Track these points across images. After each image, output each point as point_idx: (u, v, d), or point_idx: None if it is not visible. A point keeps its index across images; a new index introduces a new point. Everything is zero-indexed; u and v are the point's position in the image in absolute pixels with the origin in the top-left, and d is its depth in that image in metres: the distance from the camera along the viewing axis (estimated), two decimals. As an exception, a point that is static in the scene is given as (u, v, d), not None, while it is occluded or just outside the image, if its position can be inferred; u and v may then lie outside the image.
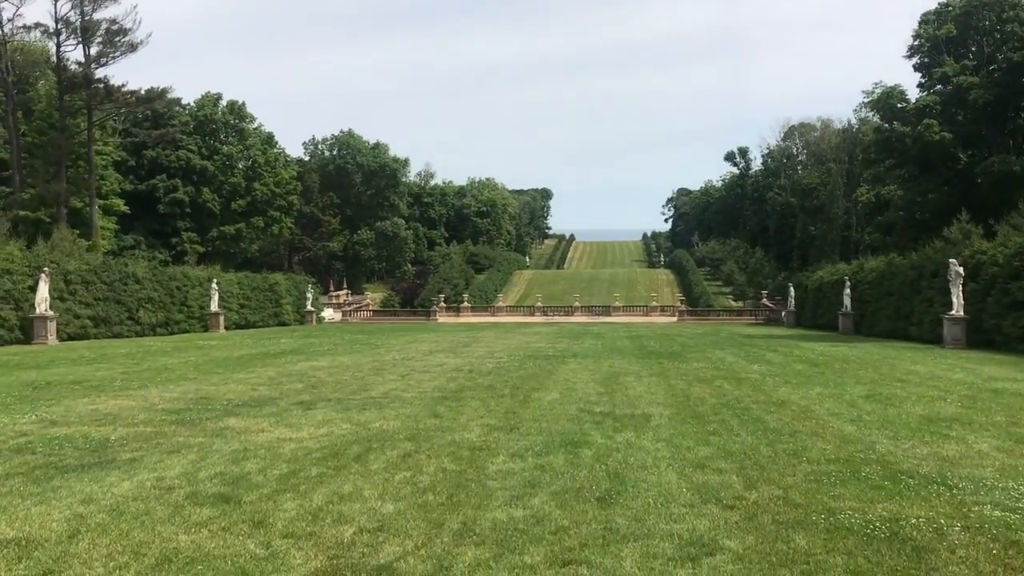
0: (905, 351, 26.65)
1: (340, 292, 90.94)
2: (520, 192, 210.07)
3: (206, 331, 45.15)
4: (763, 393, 14.50)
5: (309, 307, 60.87)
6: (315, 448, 9.27)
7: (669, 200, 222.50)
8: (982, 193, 57.76)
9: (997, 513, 6.35)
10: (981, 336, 28.61)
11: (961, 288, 29.19)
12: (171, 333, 42.24)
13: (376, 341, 32.60)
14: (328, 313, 70.50)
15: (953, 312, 29.23)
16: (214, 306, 46.97)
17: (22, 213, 59.23)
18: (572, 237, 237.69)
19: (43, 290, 33.02)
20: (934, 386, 15.50)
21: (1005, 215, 47.72)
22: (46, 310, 33.10)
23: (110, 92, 63.33)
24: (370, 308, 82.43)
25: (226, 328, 47.24)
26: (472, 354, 24.74)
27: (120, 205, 74.29)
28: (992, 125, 60.47)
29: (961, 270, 29.27)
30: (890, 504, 6.69)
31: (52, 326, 33.20)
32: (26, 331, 32.50)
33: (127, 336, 38.82)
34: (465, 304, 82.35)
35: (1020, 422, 10.93)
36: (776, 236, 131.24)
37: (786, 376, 17.75)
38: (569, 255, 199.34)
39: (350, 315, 75.14)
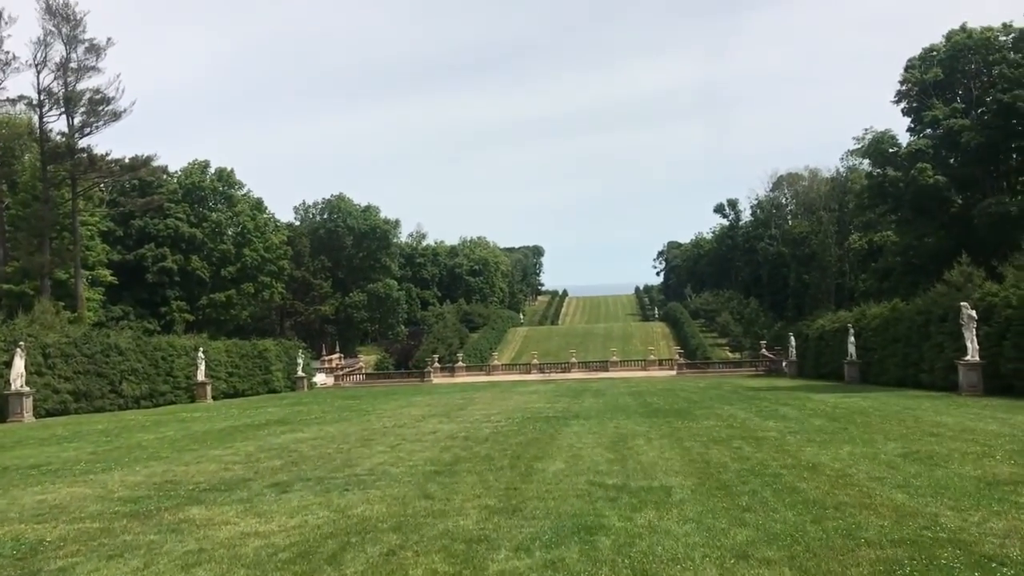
0: (922, 400, 25.35)
1: (332, 356, 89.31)
2: (512, 250, 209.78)
3: (193, 401, 43.60)
4: (788, 455, 13.17)
5: (300, 373, 59.33)
6: (284, 546, 7.90)
7: (660, 254, 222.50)
8: (980, 235, 56.96)
9: None
10: (999, 382, 27.31)
11: (975, 332, 27.99)
12: (156, 405, 40.70)
13: (367, 407, 31.15)
14: (320, 378, 68.90)
15: (968, 357, 27.98)
16: (201, 375, 45.46)
17: (5, 286, 57.92)
18: (565, 293, 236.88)
19: (18, 365, 31.58)
20: (972, 440, 14.19)
21: (1007, 256, 46.82)
22: (21, 386, 31.61)
23: (93, 161, 62.49)
24: (363, 371, 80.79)
25: (214, 398, 45.68)
26: (467, 418, 23.34)
27: (107, 275, 73.01)
28: (985, 167, 59.98)
29: (974, 313, 28.11)
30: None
31: (28, 403, 31.68)
32: (0, 409, 30.97)
33: (109, 410, 37.28)
34: (460, 363, 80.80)
35: (1091, 483, 9.63)
36: (769, 286, 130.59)
37: (808, 433, 16.41)
38: (563, 311, 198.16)
39: (343, 379, 73.51)
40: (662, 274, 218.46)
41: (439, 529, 8.42)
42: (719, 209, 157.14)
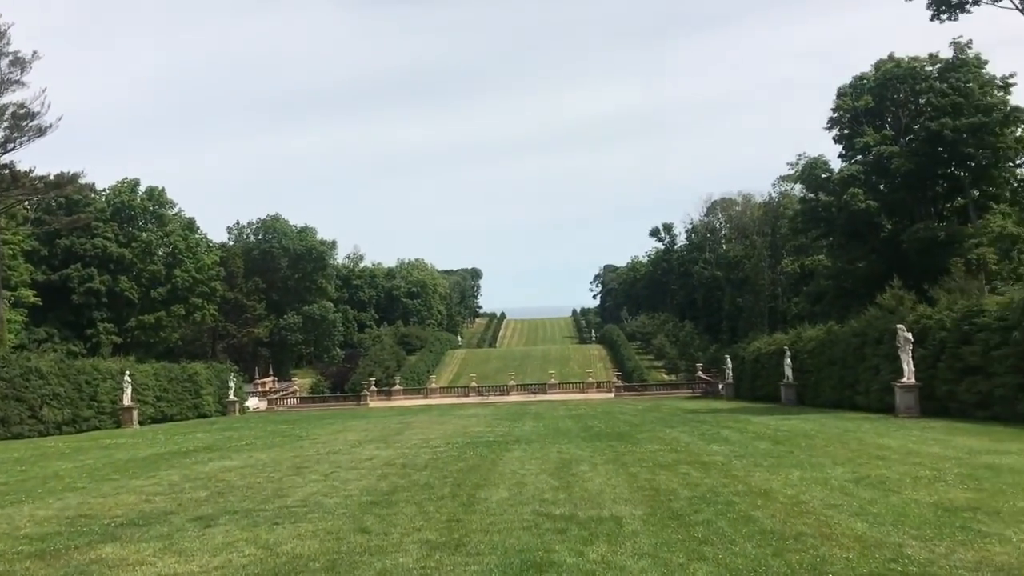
0: (861, 422, 25.39)
1: (266, 379, 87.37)
2: (450, 272, 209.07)
3: (118, 427, 41.85)
4: (738, 480, 12.80)
5: (232, 397, 57.67)
6: (205, 589, 7.19)
7: (597, 277, 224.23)
8: (909, 260, 58.27)
9: None
10: (935, 404, 27.56)
11: (911, 354, 28.24)
12: (79, 431, 38.92)
13: (301, 432, 30.13)
14: (253, 402, 67.15)
15: (905, 379, 28.19)
16: (127, 400, 43.68)
17: (-82, 308, 55.27)
18: (503, 315, 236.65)
19: (-73, 390, 29.84)
20: (919, 464, 14.03)
21: (936, 280, 47.90)
22: (-70, 412, 29.87)
23: (16, 178, 60.18)
24: (297, 395, 79.11)
25: (140, 423, 43.92)
26: (405, 443, 22.60)
27: (30, 296, 70.44)
28: (914, 193, 61.51)
29: (910, 336, 28.36)
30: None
31: (-63, 430, 29.93)
32: (-94, 436, 29.19)
33: (28, 436, 35.49)
34: (397, 387, 79.64)
35: (1048, 508, 9.42)
36: (704, 308, 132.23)
37: (754, 458, 16.11)
38: (501, 333, 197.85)
39: (276, 403, 71.78)
40: (599, 297, 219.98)
41: (376, 568, 7.79)
42: (655, 233, 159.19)
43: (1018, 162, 62.41)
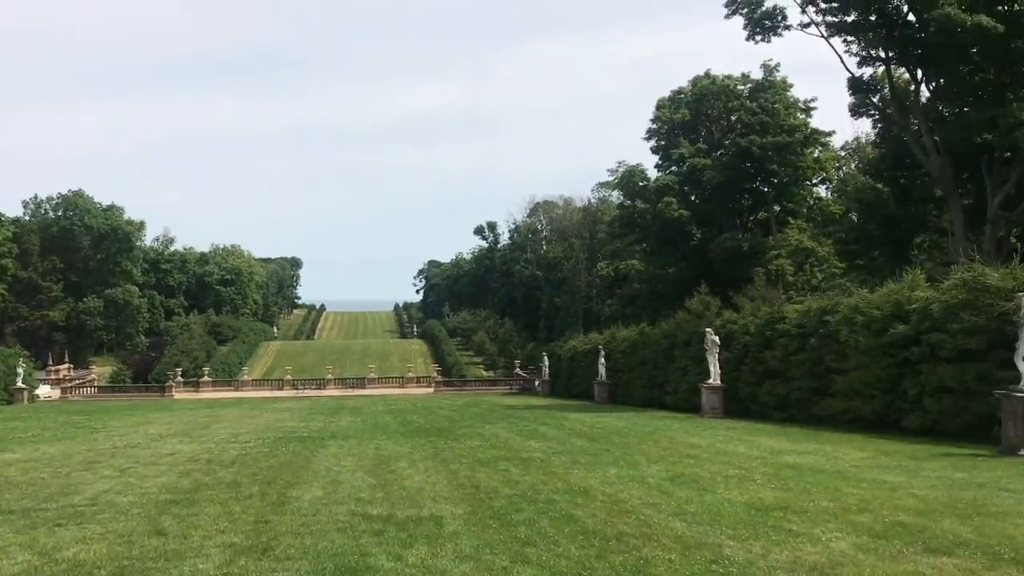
0: (671, 421, 26.32)
1: (61, 366, 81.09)
2: (268, 261, 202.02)
3: None
4: (557, 478, 12.75)
5: (20, 384, 53.08)
6: (-37, 606, 6.25)
7: (420, 272, 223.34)
8: (716, 267, 61.26)
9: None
10: (738, 405, 28.99)
11: (717, 357, 29.55)
12: None
13: (96, 423, 27.97)
14: (44, 390, 62.17)
15: (711, 381, 29.48)
16: None
17: None
18: (323, 307, 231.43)
19: None
20: (728, 463, 14.50)
21: (740, 287, 50.57)
22: None
23: None
24: (96, 384, 73.89)
25: (-94, 412, 39.59)
26: (212, 437, 21.35)
27: None
28: (723, 204, 64.78)
29: (717, 339, 29.69)
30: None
31: None
32: None
33: None
34: (206, 378, 75.94)
35: (849, 507, 9.83)
36: (523, 307, 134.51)
37: (572, 454, 16.21)
38: (320, 325, 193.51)
39: (72, 392, 66.79)
40: (422, 292, 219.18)
41: (172, 576, 7.05)
42: (479, 231, 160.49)
43: (814, 181, 67.03)
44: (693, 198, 64.80)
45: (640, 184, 66.50)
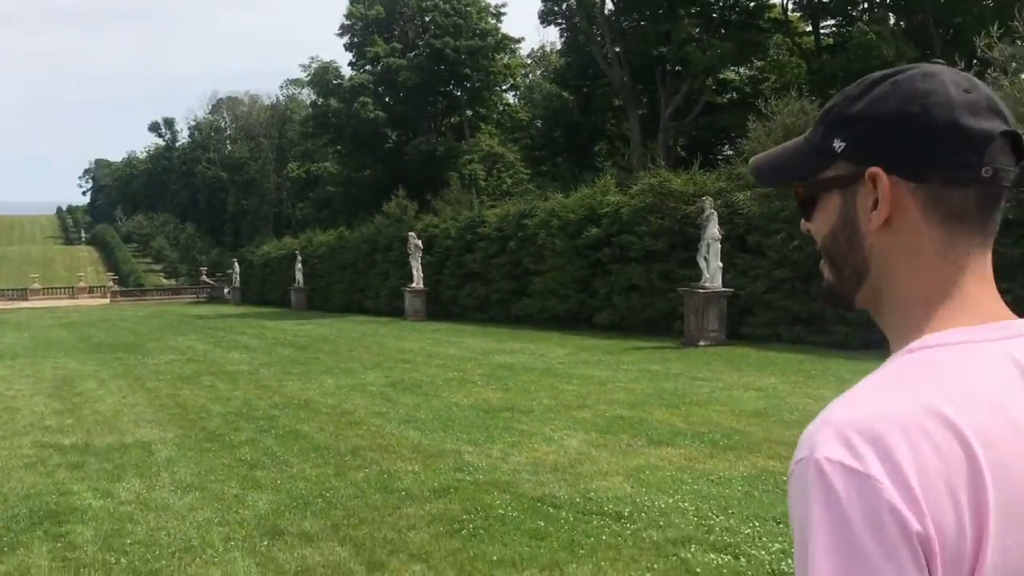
0: (376, 326, 26.17)
1: None
2: None
3: None
4: (272, 391, 12.06)
5: None
6: None
7: (87, 171, 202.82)
8: (412, 171, 61.40)
9: (712, 556, 4.87)
10: (440, 307, 29.42)
11: (420, 261, 29.68)
12: None
13: None
14: None
15: (413, 284, 29.61)
16: None
17: None
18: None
19: None
20: (443, 365, 14.57)
21: (438, 191, 51.17)
22: None
23: None
24: None
25: None
26: None
27: None
28: (418, 107, 64.66)
29: (419, 243, 29.75)
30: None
31: None
32: None
33: None
34: None
35: (570, 404, 10.19)
36: (207, 211, 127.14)
37: (281, 365, 15.48)
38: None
39: None
40: (89, 194, 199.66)
41: None
42: (154, 128, 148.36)
43: (504, 88, 68.85)
44: (388, 100, 63.99)
45: (334, 83, 64.45)
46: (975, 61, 22.70)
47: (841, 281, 0.99)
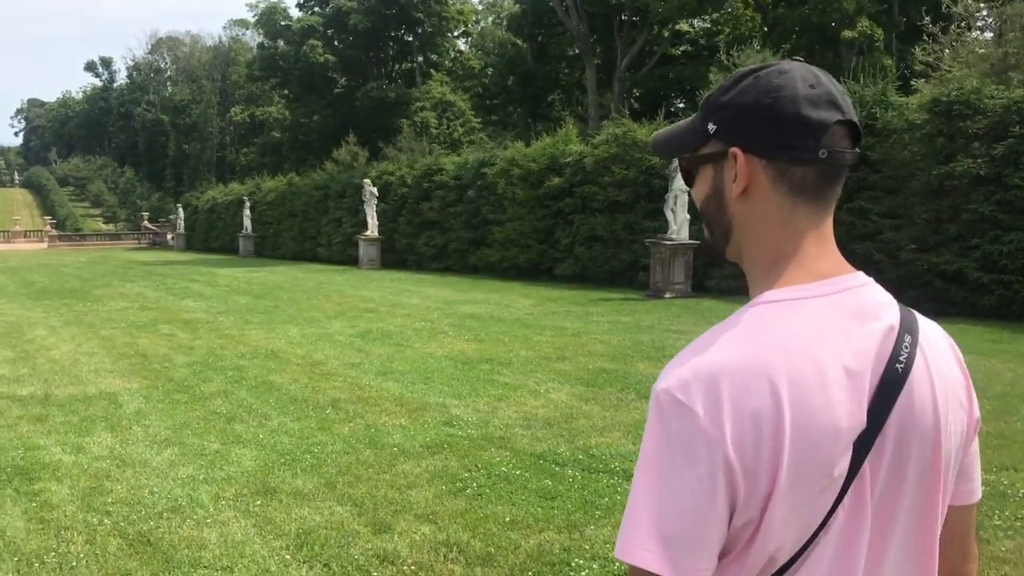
0: (331, 274, 25.65)
1: None
2: None
3: None
4: (236, 340, 11.64)
5: None
6: None
7: (19, 111, 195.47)
8: (362, 117, 60.18)
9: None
10: (395, 256, 28.94)
11: (375, 209, 29.08)
12: None
13: None
14: None
15: (368, 232, 29.06)
16: None
17: None
18: None
19: None
20: (408, 315, 14.25)
21: (389, 139, 50.23)
22: None
23: None
24: None
25: None
26: None
27: None
28: (369, 52, 63.17)
29: (375, 190, 29.12)
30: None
31: None
32: None
33: None
34: None
35: (549, 356, 9.96)
36: (147, 154, 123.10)
37: (240, 313, 15.01)
38: None
39: None
40: (22, 135, 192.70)
41: None
42: (91, 67, 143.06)
43: (456, 34, 67.55)
44: (337, 43, 62.36)
45: (282, 24, 62.57)
46: (938, 17, 22.70)
47: (714, 238, 1.18)
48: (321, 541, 4.39)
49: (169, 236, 61.71)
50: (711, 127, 1.11)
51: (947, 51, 19.35)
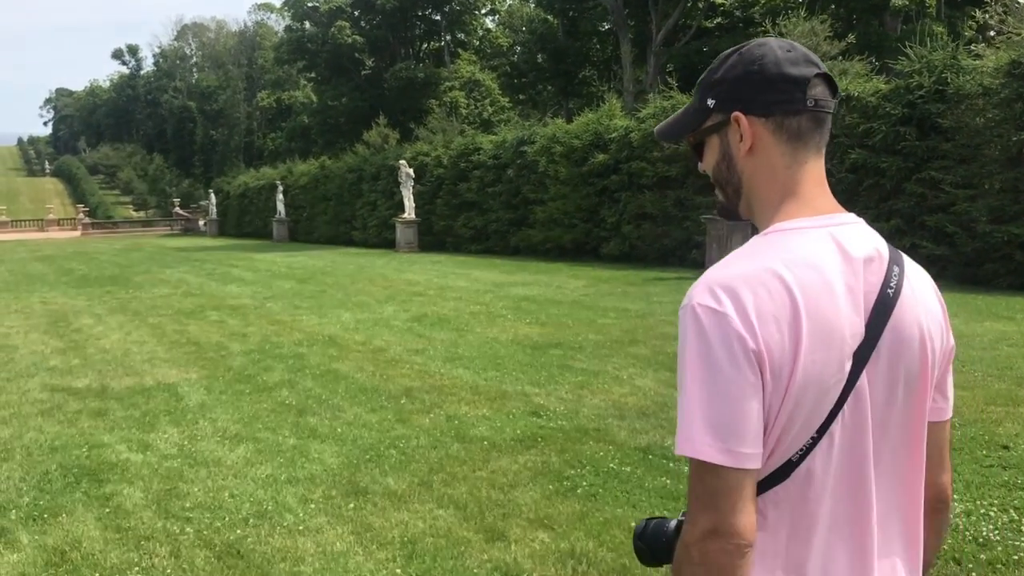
0: (371, 258, 25.27)
1: None
2: None
3: None
4: (289, 327, 11.25)
5: None
6: None
7: (48, 101, 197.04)
8: (391, 98, 59.69)
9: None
10: (432, 238, 28.50)
11: (412, 190, 28.63)
12: None
13: None
14: None
15: (405, 215, 28.63)
16: None
17: None
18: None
19: None
20: (460, 299, 13.81)
21: (418, 119, 49.72)
22: None
23: None
24: None
25: None
26: None
27: None
28: (397, 32, 62.58)
29: (411, 172, 28.65)
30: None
31: None
32: None
33: None
34: None
35: (620, 339, 9.48)
36: (175, 141, 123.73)
37: (288, 299, 14.64)
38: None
39: None
40: (51, 125, 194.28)
41: None
42: (118, 55, 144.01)
43: (483, 11, 66.75)
44: (364, 24, 61.83)
45: (309, 5, 62.13)
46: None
47: (727, 199, 1.32)
48: (431, 552, 3.95)
49: (201, 222, 61.72)
50: (710, 102, 1.27)
51: (1011, 16, 18.48)
